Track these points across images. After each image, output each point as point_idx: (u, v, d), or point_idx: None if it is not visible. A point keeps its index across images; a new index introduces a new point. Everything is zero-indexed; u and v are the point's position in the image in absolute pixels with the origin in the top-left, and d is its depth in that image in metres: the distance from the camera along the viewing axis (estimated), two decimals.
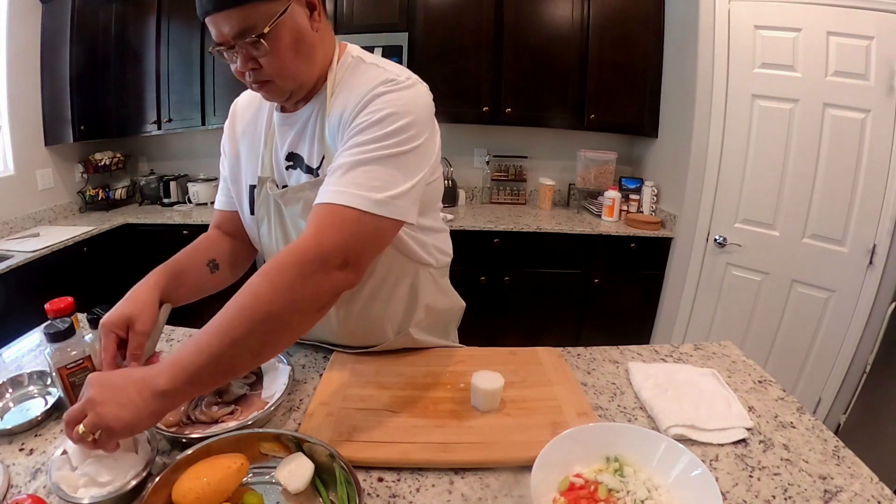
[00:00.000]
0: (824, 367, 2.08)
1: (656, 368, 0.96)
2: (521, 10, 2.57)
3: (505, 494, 0.67)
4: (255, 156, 0.90)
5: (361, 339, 0.99)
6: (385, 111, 0.73)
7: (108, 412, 0.58)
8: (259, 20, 0.69)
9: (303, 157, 0.84)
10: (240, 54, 0.73)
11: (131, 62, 2.79)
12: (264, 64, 0.73)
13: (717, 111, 2.17)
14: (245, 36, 0.70)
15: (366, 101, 0.74)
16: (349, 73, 0.82)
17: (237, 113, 0.96)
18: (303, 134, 0.84)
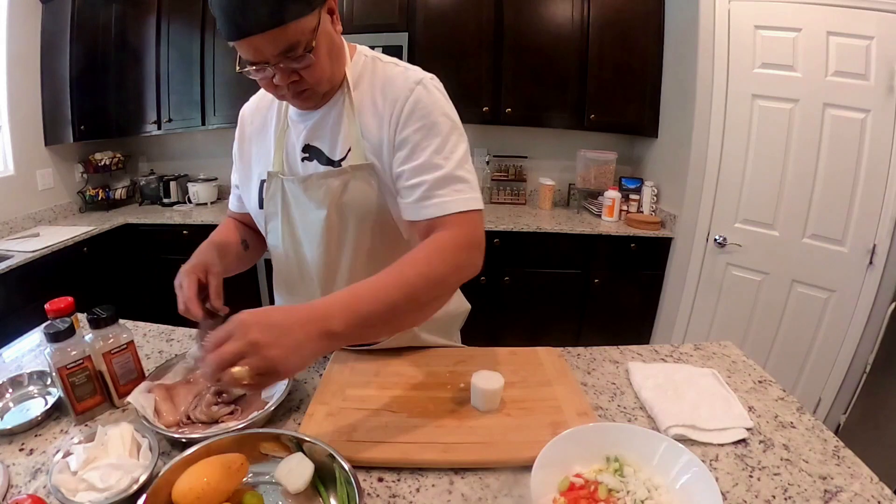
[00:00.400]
0: (824, 367, 2.08)
1: (656, 368, 0.96)
2: (521, 11, 2.57)
3: (505, 494, 0.67)
4: (266, 153, 0.94)
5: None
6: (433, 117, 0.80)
7: (276, 355, 0.57)
8: (301, 35, 0.71)
9: (321, 150, 0.87)
10: (279, 70, 0.74)
11: (131, 62, 2.79)
12: (305, 75, 0.76)
13: (717, 111, 2.17)
14: (291, 52, 0.72)
15: (410, 107, 0.80)
16: (370, 71, 0.86)
17: (245, 119, 1.00)
18: (322, 128, 0.87)
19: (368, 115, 0.83)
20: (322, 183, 0.85)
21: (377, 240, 0.89)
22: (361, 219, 0.86)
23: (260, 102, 0.98)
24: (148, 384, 0.83)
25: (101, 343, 0.80)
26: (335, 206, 0.86)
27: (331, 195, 0.85)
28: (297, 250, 0.94)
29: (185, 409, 0.80)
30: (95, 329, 0.80)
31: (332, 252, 0.90)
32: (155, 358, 1.02)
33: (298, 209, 0.90)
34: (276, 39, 0.70)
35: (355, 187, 0.85)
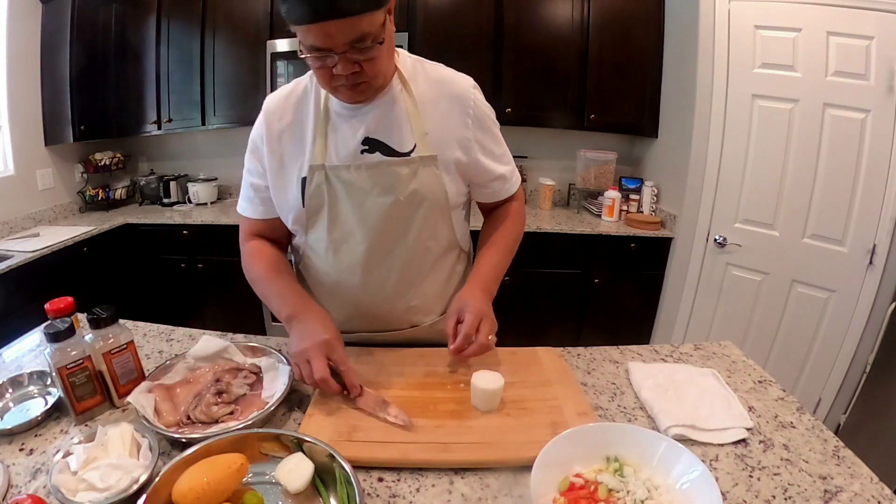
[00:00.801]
0: (824, 367, 2.08)
1: (656, 368, 0.96)
2: (521, 11, 2.57)
3: (505, 494, 0.67)
4: (304, 149, 0.93)
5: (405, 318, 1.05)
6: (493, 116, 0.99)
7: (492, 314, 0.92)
8: (372, 28, 0.74)
9: (383, 142, 0.91)
10: (343, 60, 0.76)
11: (131, 62, 2.79)
12: (366, 67, 0.78)
13: (717, 111, 2.17)
14: (362, 42, 0.74)
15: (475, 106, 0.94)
16: (421, 71, 0.94)
17: (271, 118, 0.95)
18: (384, 121, 0.91)
19: (430, 110, 0.92)
20: (391, 171, 0.90)
21: (433, 223, 0.97)
22: (427, 205, 0.94)
23: (286, 100, 0.95)
24: (148, 384, 0.83)
25: (101, 343, 0.80)
26: (404, 193, 0.91)
27: (401, 183, 0.91)
28: (348, 239, 0.95)
29: (185, 409, 0.80)
30: (95, 329, 0.80)
31: (390, 237, 0.95)
32: (155, 358, 1.02)
33: (353, 198, 0.92)
34: (351, 28, 0.72)
35: (423, 176, 0.91)
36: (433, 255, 1.00)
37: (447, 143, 0.92)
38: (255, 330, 2.08)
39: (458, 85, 0.94)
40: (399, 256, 0.96)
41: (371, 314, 1.02)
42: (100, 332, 0.81)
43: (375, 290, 0.98)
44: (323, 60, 0.76)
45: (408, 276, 0.98)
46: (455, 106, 0.92)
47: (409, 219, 0.93)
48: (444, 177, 0.93)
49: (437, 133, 0.92)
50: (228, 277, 2.74)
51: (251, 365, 0.92)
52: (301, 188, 0.93)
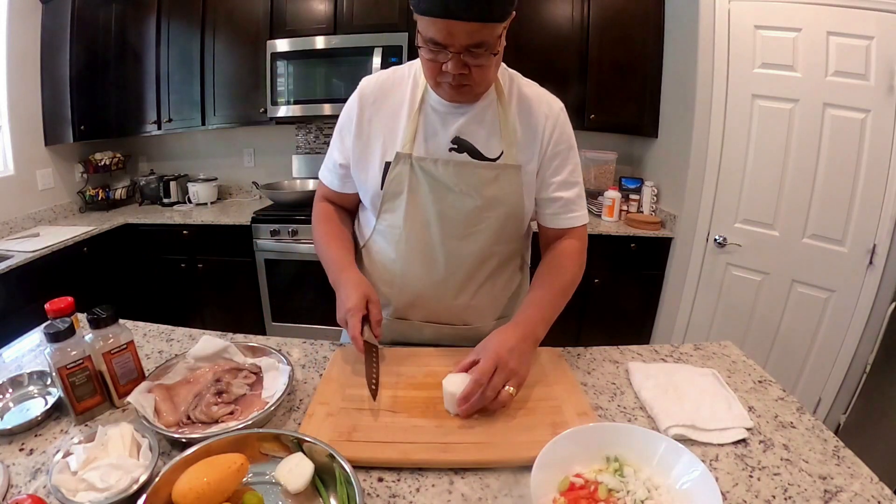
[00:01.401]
0: (824, 367, 2.08)
1: (656, 368, 0.96)
2: (521, 10, 2.53)
3: (505, 494, 0.67)
4: (392, 136, 0.97)
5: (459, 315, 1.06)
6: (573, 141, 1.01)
7: (524, 371, 0.83)
8: (491, 37, 0.78)
9: (472, 145, 0.95)
10: (455, 60, 0.79)
11: (131, 62, 2.80)
12: (474, 72, 0.82)
13: (717, 111, 2.16)
14: (479, 48, 0.78)
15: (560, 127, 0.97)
16: (516, 85, 0.98)
17: (366, 97, 0.99)
18: (477, 125, 0.95)
19: (518, 123, 0.96)
20: (476, 173, 0.94)
21: (506, 229, 1.00)
22: (504, 211, 0.97)
23: (383, 86, 0.98)
24: (148, 384, 0.83)
25: (101, 343, 0.80)
26: (486, 196, 0.95)
27: (483, 186, 0.94)
28: (422, 230, 0.98)
29: (185, 409, 0.80)
30: (95, 329, 0.80)
31: (465, 235, 0.97)
32: (155, 358, 1.02)
33: (435, 192, 0.95)
34: (473, 32, 0.75)
35: (505, 184, 0.95)
36: (498, 260, 1.03)
37: (530, 157, 0.96)
38: (255, 330, 2.08)
39: (547, 104, 0.98)
40: (468, 256, 0.99)
41: (430, 306, 1.04)
42: (100, 332, 0.81)
43: (438, 284, 1.01)
44: (436, 55, 0.79)
45: (472, 276, 1.01)
46: (541, 122, 0.96)
47: (485, 221, 0.97)
48: (524, 188, 0.97)
49: (523, 145, 0.96)
50: (228, 277, 2.74)
51: (251, 365, 0.92)
52: (383, 172, 0.96)
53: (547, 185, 1.00)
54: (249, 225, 2.61)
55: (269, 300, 2.76)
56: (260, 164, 3.23)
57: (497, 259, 1.03)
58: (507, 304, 1.12)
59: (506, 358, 0.80)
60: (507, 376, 0.79)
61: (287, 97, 2.66)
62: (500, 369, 0.79)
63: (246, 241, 2.64)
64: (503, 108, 0.95)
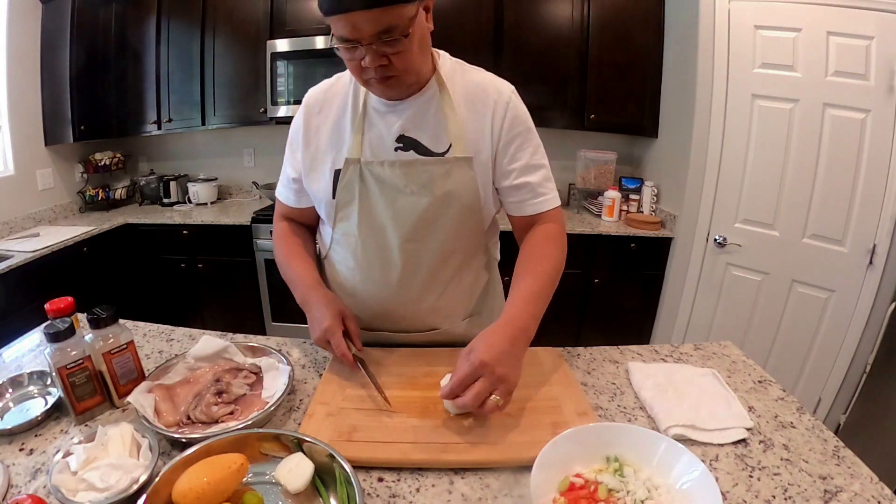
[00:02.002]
0: (824, 367, 2.08)
1: (656, 368, 0.96)
2: (521, 10, 2.57)
3: (505, 494, 0.67)
4: (340, 143, 0.95)
5: (427, 320, 1.04)
6: (528, 123, 0.96)
7: (514, 376, 0.76)
8: (400, 20, 0.75)
9: (418, 141, 0.92)
10: (370, 52, 0.77)
11: (131, 62, 2.80)
12: (394, 61, 0.79)
13: (717, 111, 2.16)
14: (389, 35, 0.75)
15: (512, 111, 0.93)
16: (458, 73, 0.94)
17: (311, 108, 0.98)
18: (420, 120, 0.92)
19: (466, 112, 0.92)
20: (426, 170, 0.91)
21: (463, 225, 0.96)
22: (459, 206, 0.93)
23: (328, 92, 0.97)
24: (148, 384, 0.83)
25: (101, 343, 0.80)
26: (438, 193, 0.91)
27: (434, 182, 0.91)
28: (377, 235, 0.95)
29: (185, 409, 0.80)
30: (95, 329, 0.80)
31: (421, 235, 0.94)
32: (155, 358, 1.02)
33: (385, 195, 0.92)
34: (377, 19, 0.73)
35: (457, 177, 0.91)
36: (460, 258, 1.00)
37: (482, 146, 0.92)
38: (255, 330, 2.08)
39: (496, 89, 0.94)
40: (427, 256, 0.96)
41: (394, 313, 1.03)
42: (100, 332, 0.81)
43: (401, 289, 0.99)
44: (352, 52, 0.78)
45: (434, 277, 0.99)
46: (490, 108, 0.92)
47: (441, 219, 0.93)
48: (478, 180, 0.93)
49: (472, 135, 0.92)
50: (228, 277, 2.74)
51: (251, 365, 0.92)
52: (333, 181, 0.95)
53: (506, 173, 0.94)
54: (249, 225, 2.61)
55: (269, 300, 2.76)
56: (260, 164, 3.23)
57: (460, 256, 1.00)
58: (476, 302, 1.08)
59: (492, 365, 0.73)
60: (493, 384, 0.73)
61: (287, 97, 2.66)
62: (484, 377, 0.73)
63: (246, 241, 2.64)
64: (447, 98, 0.91)
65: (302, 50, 2.60)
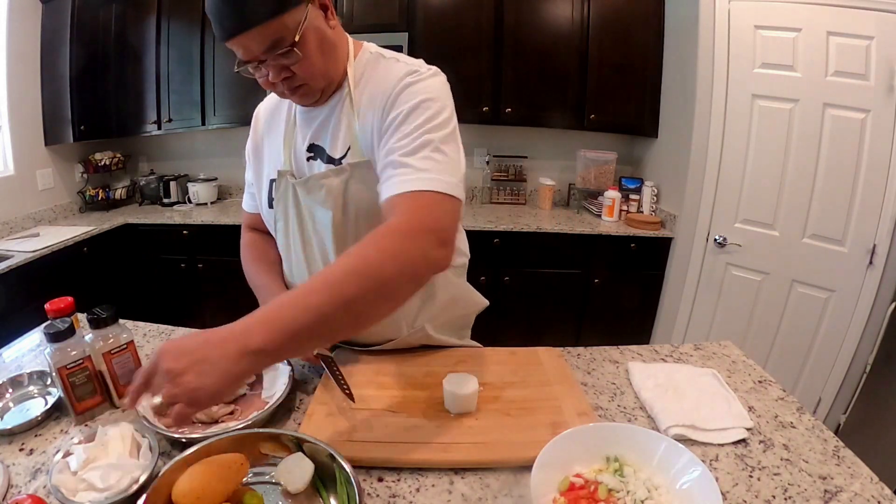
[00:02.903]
0: (824, 367, 2.08)
1: (656, 368, 0.96)
2: (521, 10, 2.57)
3: (505, 494, 0.67)
4: (276, 154, 0.94)
5: (377, 334, 0.99)
6: (418, 98, 0.76)
7: (190, 381, 0.56)
8: (286, 31, 0.72)
9: (324, 148, 0.87)
10: (271, 67, 0.75)
11: (131, 62, 2.79)
12: (296, 70, 0.77)
13: (717, 111, 2.17)
14: (277, 48, 0.73)
15: (396, 93, 0.78)
16: (371, 68, 0.86)
17: (259, 118, 1.00)
18: (325, 126, 0.87)
19: (366, 110, 0.83)
20: (322, 183, 0.85)
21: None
22: (366, 217, 0.84)
23: (273, 103, 0.98)
24: None
25: (101, 343, 0.80)
26: (339, 205, 0.85)
27: (333, 194, 0.84)
28: (307, 250, 0.93)
29: None
30: (95, 329, 0.80)
31: (340, 250, 0.86)
32: None
33: (307, 209, 0.90)
34: (260, 36, 0.71)
35: (356, 185, 0.84)
36: None
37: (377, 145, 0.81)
38: None
39: (391, 78, 0.80)
40: None
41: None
42: (100, 332, 0.81)
43: None
44: (258, 71, 0.77)
45: None
46: (383, 98, 0.80)
47: (353, 231, 0.86)
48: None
49: (368, 135, 0.82)
50: (228, 277, 2.73)
51: None
52: (269, 190, 0.95)
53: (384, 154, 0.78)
54: None
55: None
56: None
57: None
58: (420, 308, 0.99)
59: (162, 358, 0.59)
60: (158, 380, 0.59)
61: None
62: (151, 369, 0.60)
63: None
64: (349, 100, 0.84)
65: None
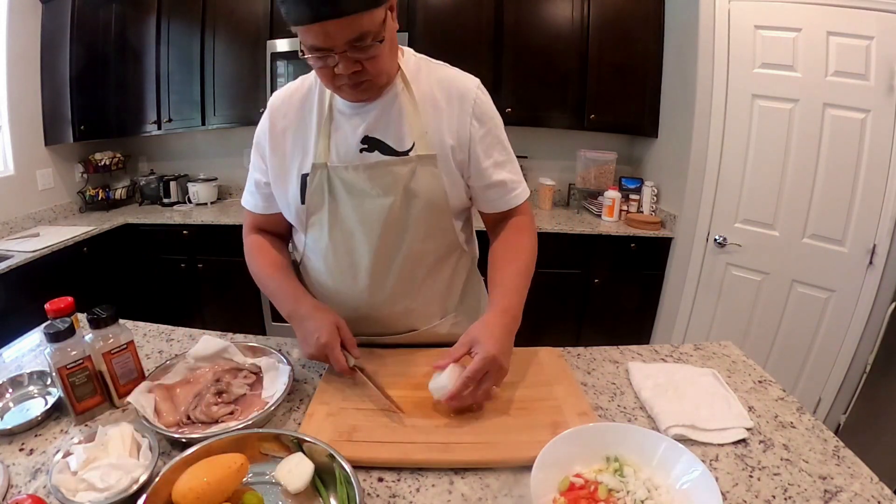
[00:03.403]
0: (824, 367, 2.08)
1: (656, 368, 0.96)
2: (521, 11, 2.57)
3: (505, 494, 0.67)
4: (305, 147, 0.93)
5: (404, 322, 1.03)
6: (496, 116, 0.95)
7: (506, 362, 0.80)
8: (373, 26, 0.73)
9: (383, 141, 0.90)
10: (344, 59, 0.75)
11: (131, 62, 2.79)
12: (367, 66, 0.78)
13: (717, 111, 2.17)
14: (362, 41, 0.74)
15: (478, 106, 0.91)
16: (425, 69, 0.93)
17: (275, 114, 0.96)
18: (383, 120, 0.90)
19: (430, 109, 0.90)
20: (389, 171, 0.89)
21: (432, 224, 0.94)
22: (425, 204, 0.91)
23: (292, 97, 0.95)
24: (148, 384, 0.83)
25: (101, 343, 0.80)
26: (403, 193, 0.90)
27: (399, 182, 0.89)
28: (347, 240, 0.94)
29: (185, 409, 0.80)
30: (95, 329, 0.80)
31: (390, 238, 0.92)
32: (155, 358, 1.02)
33: (353, 198, 0.91)
34: (350, 27, 0.71)
35: (421, 175, 0.90)
36: (432, 258, 0.98)
37: (445, 143, 0.90)
38: (255, 330, 2.07)
39: (461, 84, 0.92)
40: (398, 258, 0.94)
41: (369, 317, 1.01)
42: (100, 332, 0.81)
43: (374, 293, 0.97)
44: (324, 60, 0.76)
45: (407, 278, 0.97)
46: (456, 105, 0.90)
47: (408, 220, 0.91)
48: (443, 177, 0.91)
49: (437, 132, 0.90)
50: (228, 277, 2.74)
51: (251, 365, 0.92)
52: (302, 186, 0.93)
53: (481, 172, 0.94)
54: None
55: (268, 300, 2.76)
56: None
57: (432, 256, 0.98)
58: (454, 302, 1.08)
59: (500, 360, 0.79)
60: (497, 377, 0.80)
61: None
62: (491, 371, 0.78)
63: None
64: (410, 95, 0.89)
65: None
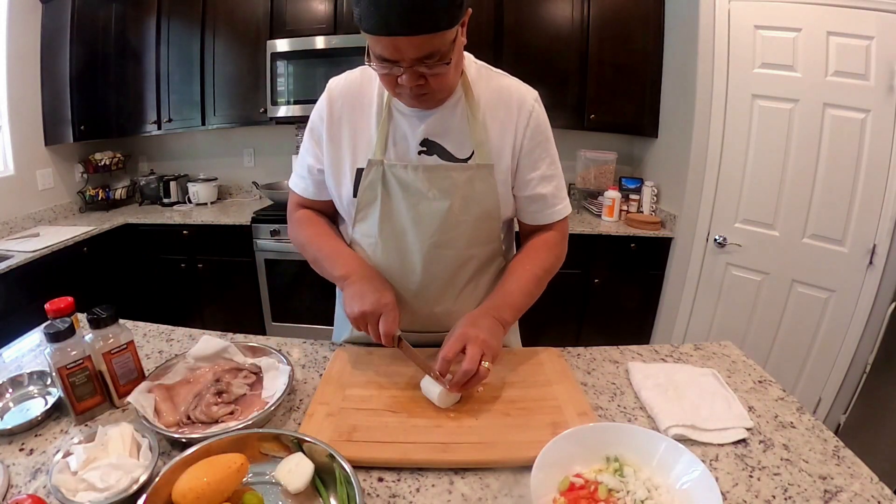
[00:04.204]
0: (824, 367, 2.08)
1: (656, 368, 0.96)
2: (521, 11, 2.57)
3: (505, 494, 0.67)
4: (362, 141, 0.93)
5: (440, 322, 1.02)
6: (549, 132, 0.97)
7: (495, 344, 0.83)
8: (443, 46, 0.74)
9: (442, 146, 0.92)
10: (409, 73, 0.76)
11: (131, 62, 2.80)
12: (431, 81, 0.79)
13: (717, 111, 2.16)
14: (431, 59, 0.74)
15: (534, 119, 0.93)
16: (485, 78, 0.94)
17: (334, 99, 0.95)
18: (443, 126, 0.91)
19: (489, 119, 0.92)
20: (448, 175, 0.90)
21: (482, 231, 0.96)
22: (479, 212, 0.93)
23: (353, 83, 0.95)
24: (148, 384, 0.83)
25: (101, 343, 0.80)
26: (460, 198, 0.91)
27: (457, 188, 0.90)
28: (398, 238, 0.95)
29: (185, 409, 0.80)
30: (95, 329, 0.80)
31: (442, 240, 0.94)
32: (155, 358, 1.02)
33: (409, 197, 0.91)
34: (422, 45, 0.72)
35: (478, 184, 0.92)
36: (477, 263, 1.00)
37: (502, 154, 0.92)
38: (255, 330, 2.08)
39: (519, 95, 0.93)
40: (446, 261, 0.96)
41: (410, 314, 1.01)
42: (100, 332, 0.81)
43: (417, 291, 0.98)
44: (389, 69, 0.77)
45: (451, 281, 0.99)
46: (513, 116, 0.92)
47: (461, 225, 0.93)
48: (498, 187, 0.93)
49: (494, 142, 0.92)
50: (228, 277, 2.74)
51: (251, 365, 0.92)
52: (355, 179, 0.93)
53: (526, 182, 0.96)
54: (249, 225, 2.61)
55: (268, 300, 2.76)
56: (260, 164, 3.23)
57: (476, 262, 1.00)
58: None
59: (474, 333, 0.82)
60: (480, 347, 0.80)
61: (287, 97, 2.66)
62: (470, 343, 0.80)
63: (246, 241, 2.64)
64: (471, 104, 0.90)
65: (302, 50, 2.59)
